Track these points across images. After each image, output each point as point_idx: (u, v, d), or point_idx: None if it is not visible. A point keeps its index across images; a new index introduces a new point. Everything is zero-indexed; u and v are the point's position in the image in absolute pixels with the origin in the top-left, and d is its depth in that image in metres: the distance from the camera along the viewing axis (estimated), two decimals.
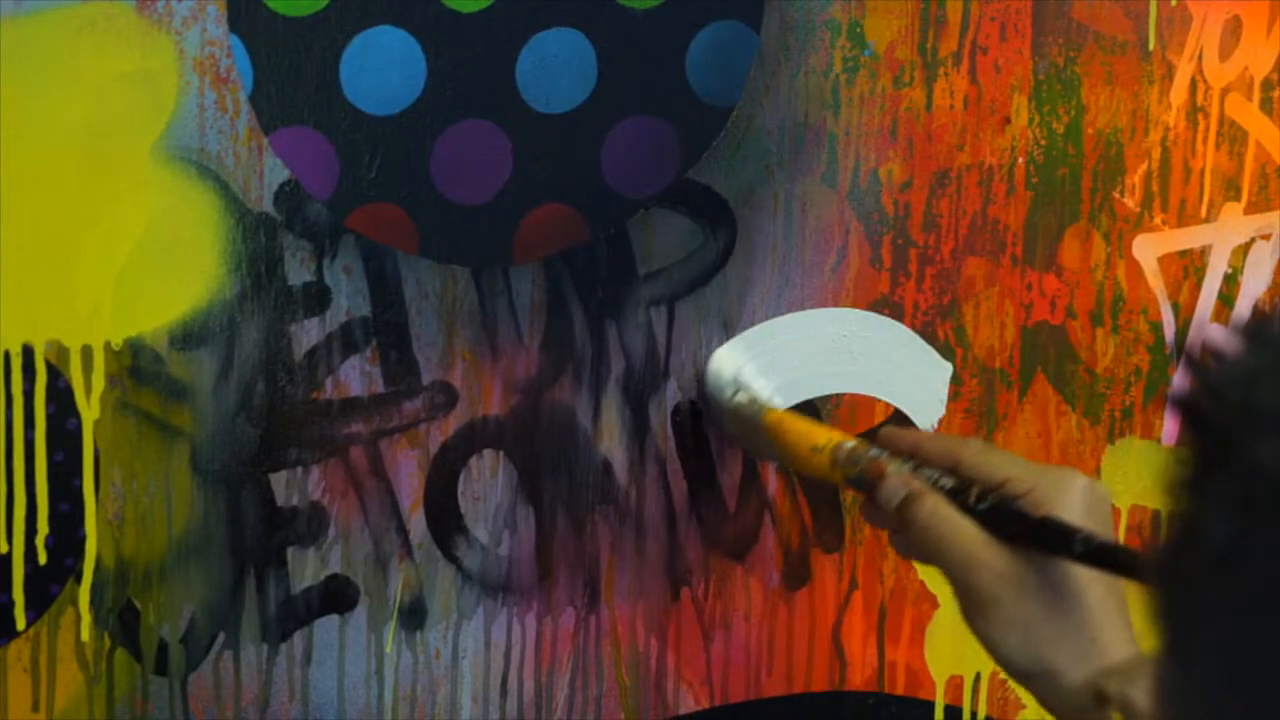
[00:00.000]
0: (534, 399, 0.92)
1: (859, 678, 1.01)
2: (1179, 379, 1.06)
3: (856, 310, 0.97)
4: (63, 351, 0.84)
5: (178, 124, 0.84)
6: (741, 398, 0.93)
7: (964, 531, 0.80)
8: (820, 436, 0.88)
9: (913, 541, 0.81)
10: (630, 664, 0.96)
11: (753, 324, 0.95)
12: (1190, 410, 0.43)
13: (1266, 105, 1.04)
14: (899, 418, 0.99)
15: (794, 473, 0.97)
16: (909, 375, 0.99)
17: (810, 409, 0.96)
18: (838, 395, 0.97)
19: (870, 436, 0.86)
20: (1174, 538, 0.43)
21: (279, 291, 0.87)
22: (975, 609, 0.79)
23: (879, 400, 0.98)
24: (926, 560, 0.82)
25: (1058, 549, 0.77)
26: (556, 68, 0.89)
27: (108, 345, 0.84)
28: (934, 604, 1.02)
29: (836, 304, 0.96)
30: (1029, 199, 1.00)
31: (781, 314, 0.95)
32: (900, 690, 1.02)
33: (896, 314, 0.98)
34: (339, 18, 0.85)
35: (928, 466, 0.83)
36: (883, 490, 0.83)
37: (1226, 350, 0.43)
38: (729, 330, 0.94)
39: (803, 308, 0.96)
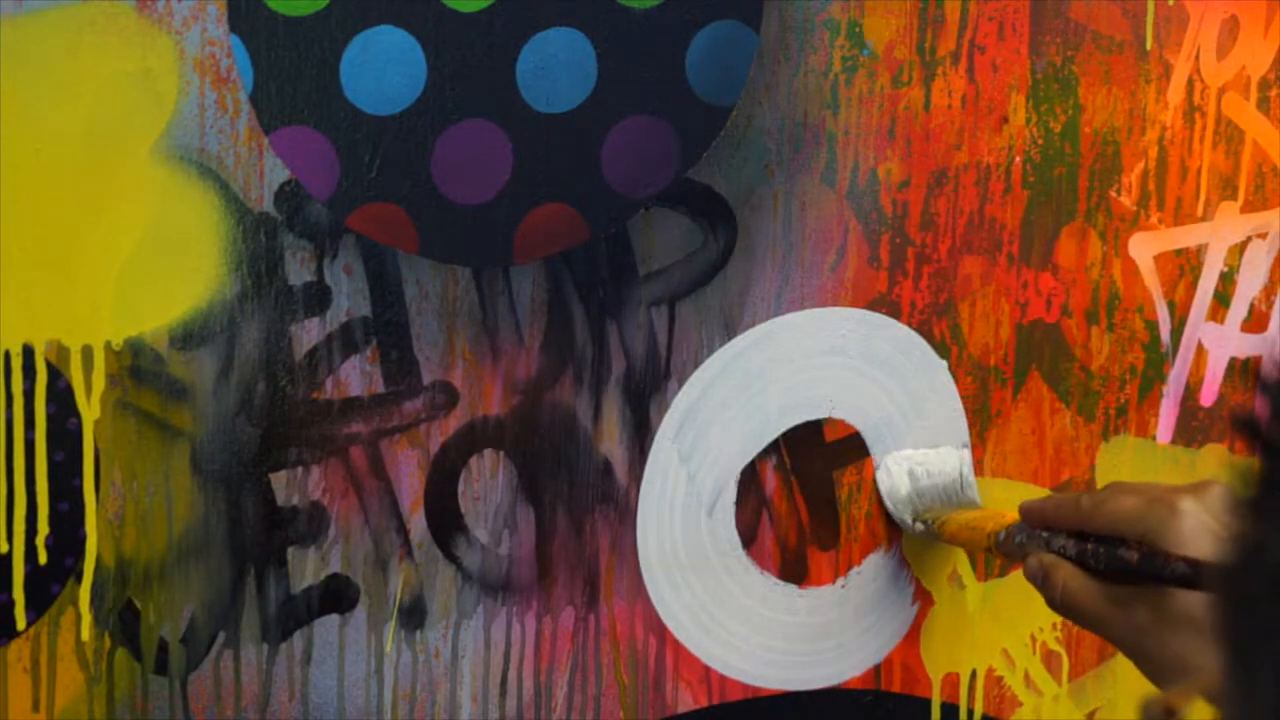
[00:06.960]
0: (534, 399, 0.92)
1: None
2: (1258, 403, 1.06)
3: (854, 309, 0.97)
4: (63, 351, 0.83)
5: (178, 124, 0.84)
6: (919, 526, 0.98)
7: (1091, 596, 0.82)
8: (985, 530, 0.92)
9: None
10: (629, 663, 0.96)
11: (753, 323, 0.95)
12: (1254, 430, 0.43)
13: (1263, 104, 1.05)
14: (888, 420, 0.99)
15: (803, 479, 0.97)
16: (905, 373, 0.99)
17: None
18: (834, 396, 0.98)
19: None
20: (1235, 556, 0.43)
21: (279, 291, 0.87)
22: (1137, 664, 0.81)
23: (877, 399, 0.99)
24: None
25: (1163, 581, 0.79)
26: (557, 67, 0.89)
27: (108, 345, 0.84)
28: (930, 601, 1.02)
29: (835, 303, 0.96)
30: (1026, 198, 1.00)
31: (781, 313, 0.95)
32: (897, 688, 1.02)
33: (894, 312, 0.98)
34: (339, 17, 0.85)
35: (1059, 535, 0.86)
36: (1025, 575, 0.86)
37: None
38: (730, 330, 0.94)
39: (802, 307, 0.96)
